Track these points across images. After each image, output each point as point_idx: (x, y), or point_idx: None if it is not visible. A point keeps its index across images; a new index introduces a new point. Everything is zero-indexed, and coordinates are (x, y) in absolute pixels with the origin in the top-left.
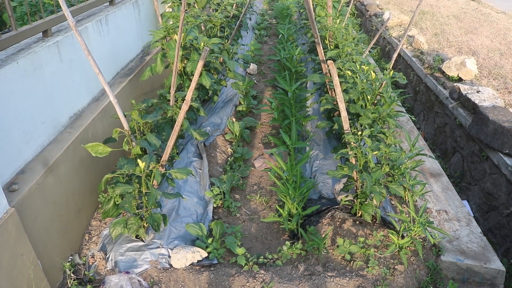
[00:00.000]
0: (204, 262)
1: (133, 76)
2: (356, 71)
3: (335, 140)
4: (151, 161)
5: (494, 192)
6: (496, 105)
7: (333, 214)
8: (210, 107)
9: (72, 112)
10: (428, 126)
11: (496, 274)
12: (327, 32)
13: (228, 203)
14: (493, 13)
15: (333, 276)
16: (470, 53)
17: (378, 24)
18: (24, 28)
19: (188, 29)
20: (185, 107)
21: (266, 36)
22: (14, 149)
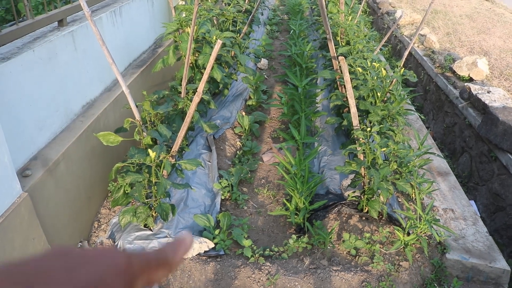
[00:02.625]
0: (210, 252)
1: (145, 67)
2: (367, 68)
3: (344, 137)
4: (162, 152)
5: (501, 193)
6: (507, 106)
7: (340, 210)
8: (220, 101)
9: (84, 101)
10: (437, 126)
11: (501, 273)
12: (339, 29)
13: (236, 196)
14: (506, 14)
15: (338, 271)
16: (482, 53)
17: (390, 22)
18: (41, 17)
19: (200, 22)
20: (197, 99)
21: (277, 32)
22: (27, 135)
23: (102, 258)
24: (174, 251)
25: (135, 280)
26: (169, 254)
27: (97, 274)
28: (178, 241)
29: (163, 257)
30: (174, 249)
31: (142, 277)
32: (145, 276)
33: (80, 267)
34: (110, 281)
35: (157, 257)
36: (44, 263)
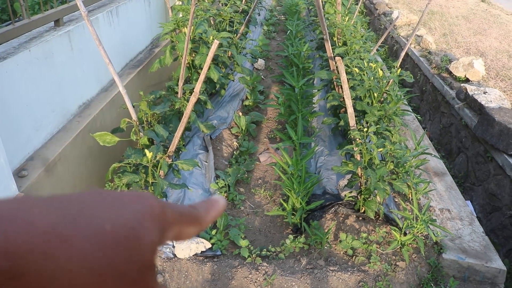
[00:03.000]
0: (207, 253)
1: (142, 67)
2: (364, 68)
3: (341, 137)
4: (158, 152)
5: (498, 193)
6: (503, 107)
7: (337, 210)
8: (217, 101)
9: (81, 101)
10: (433, 126)
11: (497, 273)
12: (336, 29)
13: (232, 196)
14: (502, 15)
15: (335, 271)
16: (478, 54)
17: (387, 23)
18: (37, 17)
19: (197, 23)
20: (194, 99)
21: (274, 32)
22: (24, 135)
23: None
24: (207, 210)
25: (168, 229)
26: (202, 212)
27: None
28: (212, 201)
29: (196, 214)
30: (207, 208)
31: (173, 229)
32: (176, 228)
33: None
34: (146, 224)
35: (189, 213)
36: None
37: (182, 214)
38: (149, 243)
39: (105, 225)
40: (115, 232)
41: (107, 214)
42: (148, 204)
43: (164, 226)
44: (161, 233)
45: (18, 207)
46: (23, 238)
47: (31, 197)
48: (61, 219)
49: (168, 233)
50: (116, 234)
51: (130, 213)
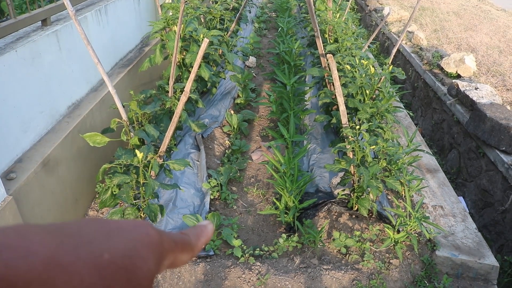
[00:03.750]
0: (200, 253)
1: (132, 66)
2: (355, 65)
3: (333, 134)
4: (149, 152)
5: (490, 189)
6: (494, 102)
7: (330, 208)
8: (209, 99)
9: (70, 101)
10: (425, 122)
11: (490, 269)
12: (327, 26)
13: (225, 195)
14: (493, 10)
15: (329, 269)
16: (469, 50)
17: (378, 19)
18: (23, 17)
19: (187, 21)
20: (184, 98)
21: (265, 29)
22: (12, 137)
23: (136, 229)
24: (197, 236)
25: (165, 257)
26: (193, 238)
27: (132, 243)
28: (201, 226)
29: (188, 241)
30: (197, 235)
31: (169, 257)
32: (172, 256)
33: (116, 235)
34: (143, 253)
35: (182, 240)
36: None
37: (176, 241)
38: (146, 271)
39: (103, 254)
40: (114, 261)
41: (105, 243)
42: (146, 232)
43: (161, 254)
44: (158, 261)
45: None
46: (24, 267)
47: (31, 224)
48: (61, 247)
49: (165, 261)
50: (115, 263)
51: (128, 241)
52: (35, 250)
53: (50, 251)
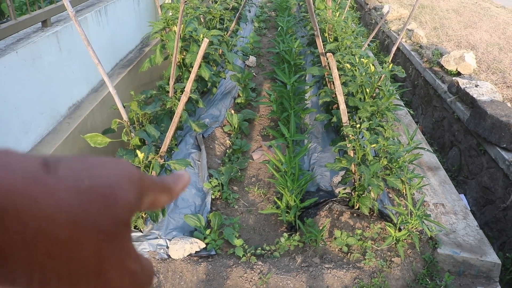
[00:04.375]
0: (202, 253)
1: (132, 67)
2: (355, 64)
3: (334, 133)
4: (150, 152)
5: (491, 186)
6: (494, 100)
7: (331, 207)
8: (209, 99)
9: (71, 102)
10: (426, 120)
11: (492, 267)
12: (327, 25)
13: (226, 195)
14: (492, 8)
15: (330, 268)
16: (469, 47)
17: (378, 17)
18: (24, 18)
19: (187, 21)
20: (184, 98)
21: (265, 29)
22: (12, 138)
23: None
24: (174, 182)
25: (144, 194)
26: (170, 182)
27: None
28: (178, 174)
29: (167, 183)
30: (174, 181)
31: (149, 195)
32: (152, 195)
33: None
34: (124, 185)
35: (161, 182)
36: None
37: (156, 182)
38: (126, 203)
39: (84, 180)
40: (94, 188)
41: (87, 171)
42: (128, 168)
43: (141, 190)
44: (138, 196)
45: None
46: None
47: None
48: (41, 167)
49: (145, 198)
50: (95, 190)
51: (110, 173)
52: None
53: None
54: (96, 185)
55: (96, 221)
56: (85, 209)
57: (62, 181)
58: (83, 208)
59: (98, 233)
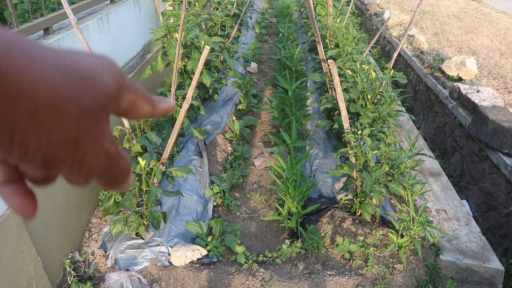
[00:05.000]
0: (204, 260)
1: (133, 74)
2: (357, 70)
3: (335, 139)
4: (152, 159)
5: (493, 191)
6: (496, 105)
7: (333, 213)
8: (211, 106)
9: None
10: (427, 126)
11: (495, 273)
12: (328, 31)
13: (228, 202)
14: (493, 13)
15: (333, 275)
16: (470, 52)
17: (379, 23)
18: (26, 26)
19: (189, 28)
20: (186, 105)
21: (266, 35)
22: None
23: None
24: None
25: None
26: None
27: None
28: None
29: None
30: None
31: (129, 93)
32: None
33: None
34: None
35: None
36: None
37: (139, 87)
38: (104, 87)
39: (66, 60)
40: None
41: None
42: (108, 60)
43: (121, 84)
44: (117, 85)
45: None
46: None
47: None
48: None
49: (124, 94)
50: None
51: (92, 61)
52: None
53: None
54: (77, 67)
55: (75, 97)
56: (65, 84)
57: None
58: (64, 83)
59: (78, 109)
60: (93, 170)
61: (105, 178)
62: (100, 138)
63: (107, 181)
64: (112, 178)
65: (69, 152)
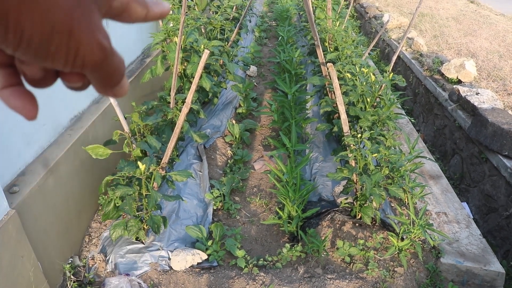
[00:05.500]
0: (204, 264)
1: (133, 78)
2: (356, 73)
3: (335, 143)
4: (152, 164)
5: (493, 194)
6: (495, 107)
7: (333, 217)
8: (210, 109)
9: (72, 114)
10: (427, 128)
11: (496, 276)
12: (327, 35)
13: (228, 205)
14: (492, 15)
15: (333, 279)
16: (469, 55)
17: (378, 26)
18: None
19: (188, 32)
20: (186, 109)
21: (266, 38)
22: (14, 151)
23: None
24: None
25: None
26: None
27: None
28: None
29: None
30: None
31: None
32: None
33: None
34: None
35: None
36: None
37: None
38: None
39: None
40: None
41: None
42: None
43: None
44: None
45: None
46: None
47: None
48: None
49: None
50: None
51: None
52: None
53: None
54: None
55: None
56: None
57: None
58: None
59: None
60: (88, 62)
61: (100, 75)
62: (94, 29)
63: (102, 79)
64: (107, 76)
65: (63, 40)
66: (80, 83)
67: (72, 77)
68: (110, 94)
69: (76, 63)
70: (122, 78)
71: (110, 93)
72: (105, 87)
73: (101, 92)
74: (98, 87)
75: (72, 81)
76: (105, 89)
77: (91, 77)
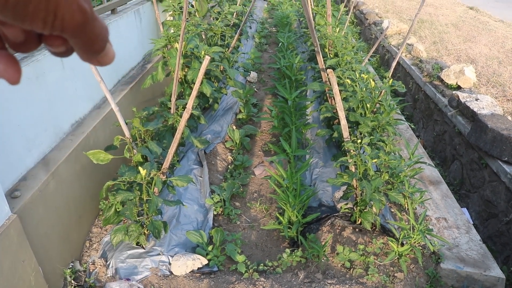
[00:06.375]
0: (204, 269)
1: (134, 84)
2: (356, 79)
3: (335, 148)
4: (152, 169)
5: (493, 199)
6: (495, 113)
7: (333, 222)
8: (211, 115)
9: (73, 119)
10: (427, 134)
11: (496, 281)
12: (327, 41)
13: (228, 211)
14: (491, 22)
15: (333, 284)
16: (468, 61)
17: (377, 32)
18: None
19: (189, 38)
20: (186, 115)
21: (266, 44)
22: (16, 155)
23: None
24: None
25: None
26: None
27: None
28: None
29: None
30: None
31: None
32: None
33: None
34: None
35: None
36: None
37: None
38: None
39: None
40: None
41: None
42: None
43: None
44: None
45: None
46: None
47: None
48: None
49: None
50: None
51: None
52: None
53: None
54: None
55: None
56: None
57: None
58: None
59: None
60: (67, 25)
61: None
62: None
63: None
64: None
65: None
66: (62, 47)
67: (54, 41)
68: (94, 62)
69: (55, 25)
70: (105, 45)
71: (94, 61)
72: (88, 53)
73: (86, 59)
74: (82, 53)
75: (54, 45)
76: (88, 55)
77: (73, 43)
